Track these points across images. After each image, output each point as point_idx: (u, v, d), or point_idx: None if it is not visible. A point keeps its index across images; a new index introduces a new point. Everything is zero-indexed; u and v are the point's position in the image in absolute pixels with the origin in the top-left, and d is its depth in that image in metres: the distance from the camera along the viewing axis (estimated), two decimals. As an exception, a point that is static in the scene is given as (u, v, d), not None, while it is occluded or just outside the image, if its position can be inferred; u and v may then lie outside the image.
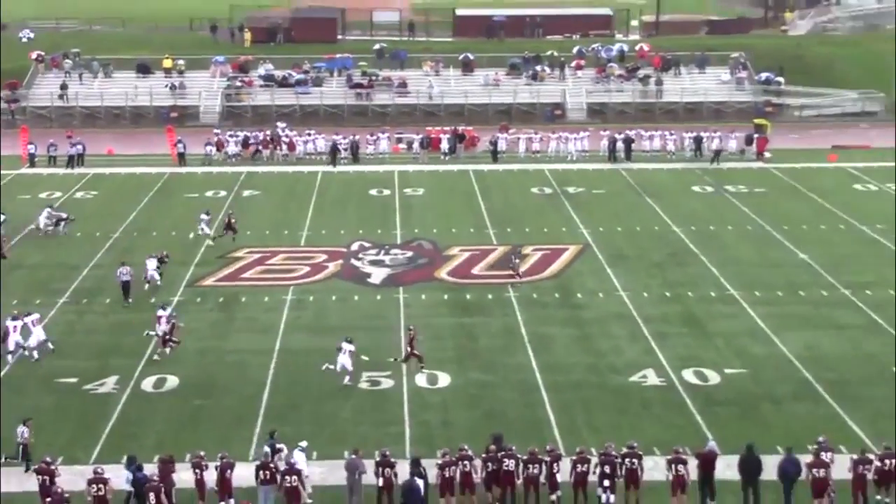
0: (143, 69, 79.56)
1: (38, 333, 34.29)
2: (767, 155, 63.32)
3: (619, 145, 63.19)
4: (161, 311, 35.17)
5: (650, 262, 44.14)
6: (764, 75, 79.28)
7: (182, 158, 62.00)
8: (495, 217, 51.11)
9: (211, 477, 25.02)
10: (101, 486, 24.08)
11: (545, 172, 60.31)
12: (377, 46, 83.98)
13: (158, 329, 34.57)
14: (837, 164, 61.93)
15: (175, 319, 34.96)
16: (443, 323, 37.39)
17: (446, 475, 24.97)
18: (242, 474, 25.43)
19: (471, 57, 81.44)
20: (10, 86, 75.91)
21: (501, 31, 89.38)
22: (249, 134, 65.24)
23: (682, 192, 55.99)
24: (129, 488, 24.88)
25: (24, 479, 26.20)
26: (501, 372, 33.07)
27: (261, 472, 25.01)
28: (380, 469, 25.10)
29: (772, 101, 77.03)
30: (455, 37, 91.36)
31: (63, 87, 76.48)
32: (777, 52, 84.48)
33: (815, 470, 24.70)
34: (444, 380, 32.46)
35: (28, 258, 44.64)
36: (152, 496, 23.94)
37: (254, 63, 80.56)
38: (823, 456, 24.96)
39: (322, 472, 26.27)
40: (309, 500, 25.21)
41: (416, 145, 64.87)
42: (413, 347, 33.17)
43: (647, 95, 78.38)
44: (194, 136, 65.44)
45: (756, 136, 64.35)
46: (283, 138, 64.64)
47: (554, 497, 25.07)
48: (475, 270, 43.23)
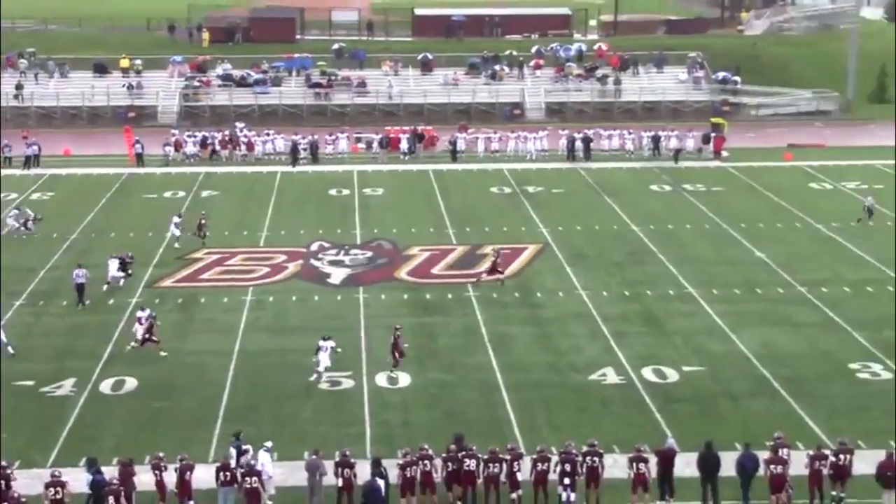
0: (100, 69, 78.97)
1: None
2: (724, 154, 63.82)
3: (578, 144, 63.41)
4: (140, 313, 35.06)
5: (609, 261, 44.34)
6: (721, 75, 79.97)
7: (140, 159, 61.62)
8: (455, 217, 51.15)
9: (171, 478, 24.87)
10: (58, 489, 23.90)
11: (504, 172, 60.43)
12: (336, 46, 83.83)
13: (138, 331, 34.44)
14: (793, 163, 62.48)
15: (154, 319, 34.79)
16: (403, 323, 36.91)
17: (407, 475, 24.94)
18: (202, 476, 25.30)
19: (430, 57, 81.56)
20: (-36, 86, 75.21)
21: (460, 31, 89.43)
22: (208, 134, 64.97)
23: (640, 191, 56.28)
24: (88, 491, 24.64)
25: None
26: (462, 371, 33.10)
27: (221, 474, 24.88)
28: (339, 469, 25.07)
29: (729, 101, 77.67)
30: (414, 36, 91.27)
31: (18, 86, 75.72)
32: (734, 51, 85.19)
33: (772, 466, 24.88)
34: (404, 380, 32.47)
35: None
36: (111, 499, 23.74)
37: (212, 63, 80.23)
38: (780, 452, 25.18)
39: (283, 473, 26.16)
40: (269, 502, 25.15)
41: (375, 145, 64.75)
42: (398, 346, 33.18)
43: (606, 95, 78.72)
44: (152, 137, 65.10)
45: (713, 135, 64.79)
46: (242, 138, 64.38)
47: (514, 496, 25.07)
48: (435, 270, 43.26)
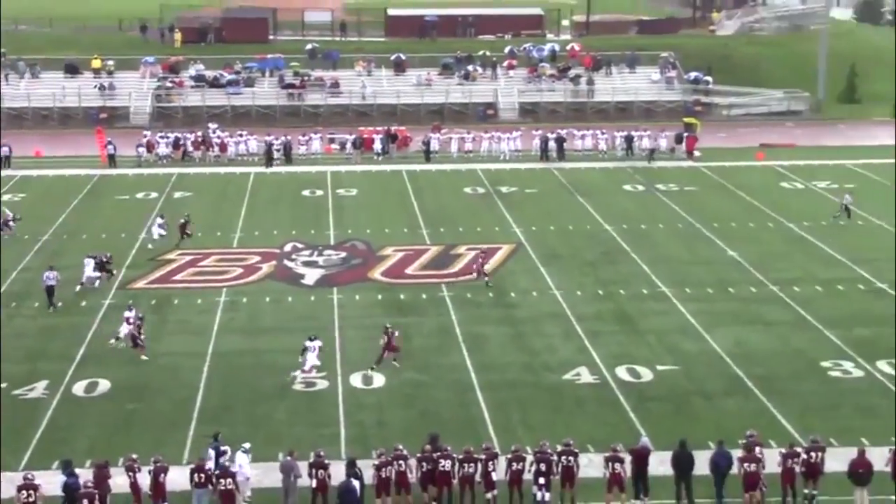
0: (72, 69, 78.60)
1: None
2: (697, 153, 64.13)
3: (552, 145, 63.60)
4: (127, 312, 34.96)
5: (583, 260, 44.47)
6: (693, 75, 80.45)
7: (112, 160, 61.32)
8: (428, 217, 51.19)
9: (145, 480, 24.76)
10: (31, 492, 23.73)
11: (478, 172, 60.51)
12: (309, 47, 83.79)
13: (122, 330, 34.33)
14: (765, 163, 62.89)
15: (141, 321, 34.65)
16: (377, 323, 36.98)
17: (382, 475, 24.92)
18: (176, 478, 25.19)
19: (403, 57, 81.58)
20: (-67, 87, 74.70)
21: (433, 31, 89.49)
22: (180, 135, 64.75)
23: (613, 191, 56.49)
24: (62, 494, 24.47)
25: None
26: (436, 372, 33.11)
27: (195, 476, 24.79)
28: (313, 470, 25.04)
29: (701, 101, 78.14)
30: (387, 37, 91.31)
31: (-11, 87, 75.41)
32: (705, 51, 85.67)
33: (746, 464, 24.99)
34: (378, 380, 32.44)
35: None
36: (86, 503, 23.63)
37: (184, 63, 79.97)
38: (754, 450, 25.27)
39: (257, 475, 26.07)
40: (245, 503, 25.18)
41: (348, 146, 64.71)
42: (391, 342, 33.21)
43: (579, 95, 79.01)
44: (124, 138, 64.82)
45: (686, 134, 65.12)
46: (215, 139, 64.25)
47: (489, 496, 25.09)
48: (409, 270, 43.28)
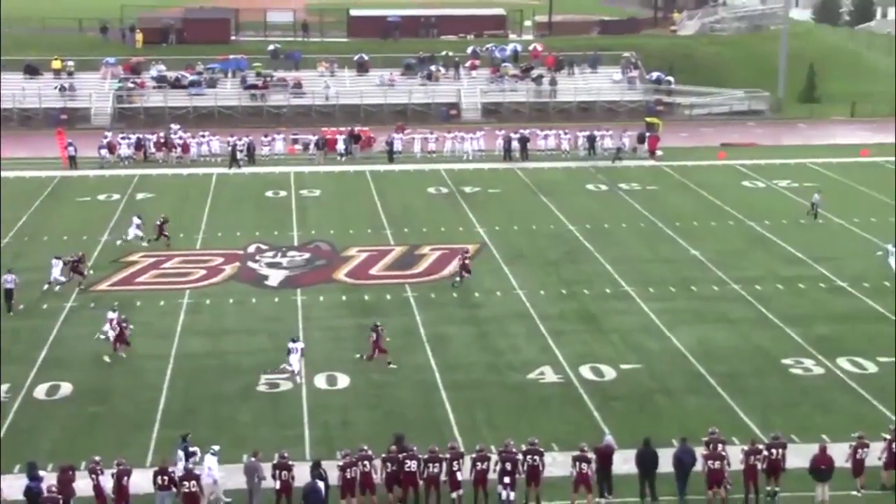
0: (32, 70, 78.00)
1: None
2: (659, 153, 64.55)
3: (515, 144, 63.81)
4: (111, 314, 34.89)
5: (546, 260, 44.68)
6: (654, 75, 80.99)
7: (73, 162, 60.96)
8: (392, 217, 51.25)
9: (108, 483, 24.71)
10: (-8, 496, 23.71)
11: (441, 172, 60.65)
12: (271, 47, 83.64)
13: (108, 330, 34.33)
14: (726, 162, 63.40)
15: (125, 323, 34.58)
16: (342, 324, 37.41)
17: (347, 476, 25.02)
18: (140, 481, 25.18)
19: (366, 57, 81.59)
20: None
21: (396, 32, 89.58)
22: (142, 136, 64.44)
23: (576, 191, 56.77)
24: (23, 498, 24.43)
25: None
26: (401, 372, 33.20)
27: (158, 478, 24.80)
28: (277, 472, 25.12)
29: (662, 100, 78.68)
30: (350, 37, 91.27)
31: (-53, 89, 74.69)
32: (667, 51, 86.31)
33: (711, 462, 25.26)
34: (343, 381, 32.51)
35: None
36: (51, 507, 23.61)
37: (146, 64, 79.61)
38: (718, 447, 25.49)
39: (222, 476, 26.05)
40: (209, 505, 25.21)
41: (311, 146, 64.66)
42: (379, 341, 33.43)
43: (541, 95, 79.33)
44: (85, 139, 64.45)
45: (648, 134, 65.50)
46: (177, 140, 63.95)
47: (455, 496, 25.23)
48: (373, 271, 43.33)
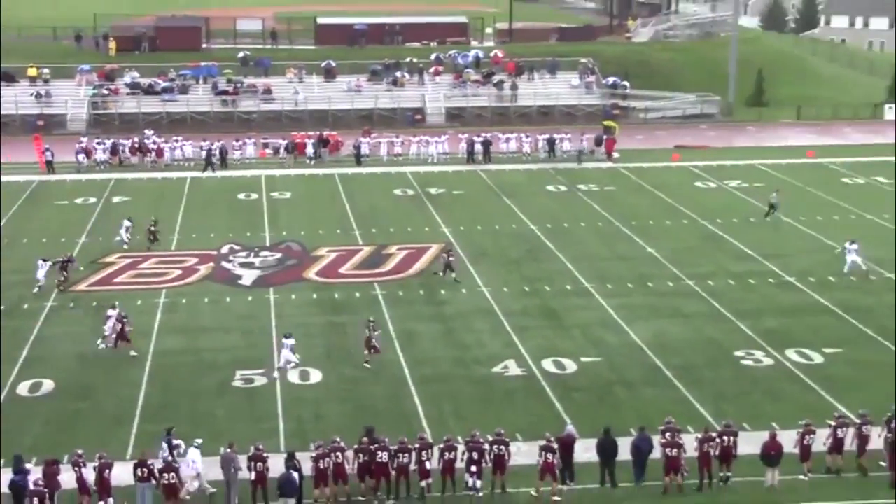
0: (8, 78, 78.24)
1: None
2: (616, 155, 65.93)
3: (478, 147, 65.05)
4: (111, 311, 35.63)
5: (509, 258, 45.76)
6: (611, 79, 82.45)
7: (50, 166, 61.75)
8: (360, 218, 52.17)
9: (90, 475, 25.32)
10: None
11: (407, 174, 61.67)
12: (241, 54, 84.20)
13: (107, 328, 35.02)
14: (680, 163, 64.76)
15: (126, 321, 35.26)
16: (313, 322, 38.26)
17: (321, 466, 25.82)
18: (120, 474, 25.79)
19: (333, 64, 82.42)
20: None
21: (362, 39, 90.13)
22: (117, 141, 65.29)
23: (537, 192, 57.89)
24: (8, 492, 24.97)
25: None
26: (371, 367, 34.04)
27: (138, 471, 25.31)
28: (252, 463, 25.78)
29: (618, 104, 79.84)
30: (317, 45, 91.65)
31: (-77, 97, 74.85)
32: (622, 57, 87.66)
33: (667, 449, 26.38)
34: (315, 376, 33.40)
35: None
36: (36, 501, 24.09)
37: (119, 71, 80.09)
38: (675, 436, 26.59)
39: (203, 468, 26.64)
40: (187, 497, 25.95)
41: (282, 150, 65.62)
42: (371, 337, 34.26)
43: (503, 100, 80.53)
44: (62, 144, 64.98)
45: (605, 137, 66.76)
46: (151, 145, 64.81)
47: (424, 484, 26.15)
48: (342, 270, 44.26)
